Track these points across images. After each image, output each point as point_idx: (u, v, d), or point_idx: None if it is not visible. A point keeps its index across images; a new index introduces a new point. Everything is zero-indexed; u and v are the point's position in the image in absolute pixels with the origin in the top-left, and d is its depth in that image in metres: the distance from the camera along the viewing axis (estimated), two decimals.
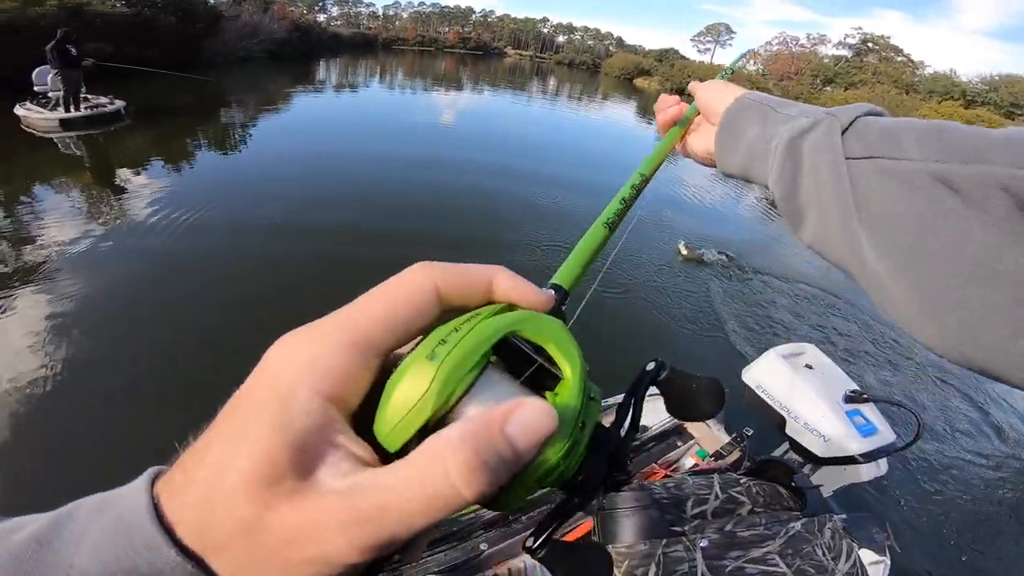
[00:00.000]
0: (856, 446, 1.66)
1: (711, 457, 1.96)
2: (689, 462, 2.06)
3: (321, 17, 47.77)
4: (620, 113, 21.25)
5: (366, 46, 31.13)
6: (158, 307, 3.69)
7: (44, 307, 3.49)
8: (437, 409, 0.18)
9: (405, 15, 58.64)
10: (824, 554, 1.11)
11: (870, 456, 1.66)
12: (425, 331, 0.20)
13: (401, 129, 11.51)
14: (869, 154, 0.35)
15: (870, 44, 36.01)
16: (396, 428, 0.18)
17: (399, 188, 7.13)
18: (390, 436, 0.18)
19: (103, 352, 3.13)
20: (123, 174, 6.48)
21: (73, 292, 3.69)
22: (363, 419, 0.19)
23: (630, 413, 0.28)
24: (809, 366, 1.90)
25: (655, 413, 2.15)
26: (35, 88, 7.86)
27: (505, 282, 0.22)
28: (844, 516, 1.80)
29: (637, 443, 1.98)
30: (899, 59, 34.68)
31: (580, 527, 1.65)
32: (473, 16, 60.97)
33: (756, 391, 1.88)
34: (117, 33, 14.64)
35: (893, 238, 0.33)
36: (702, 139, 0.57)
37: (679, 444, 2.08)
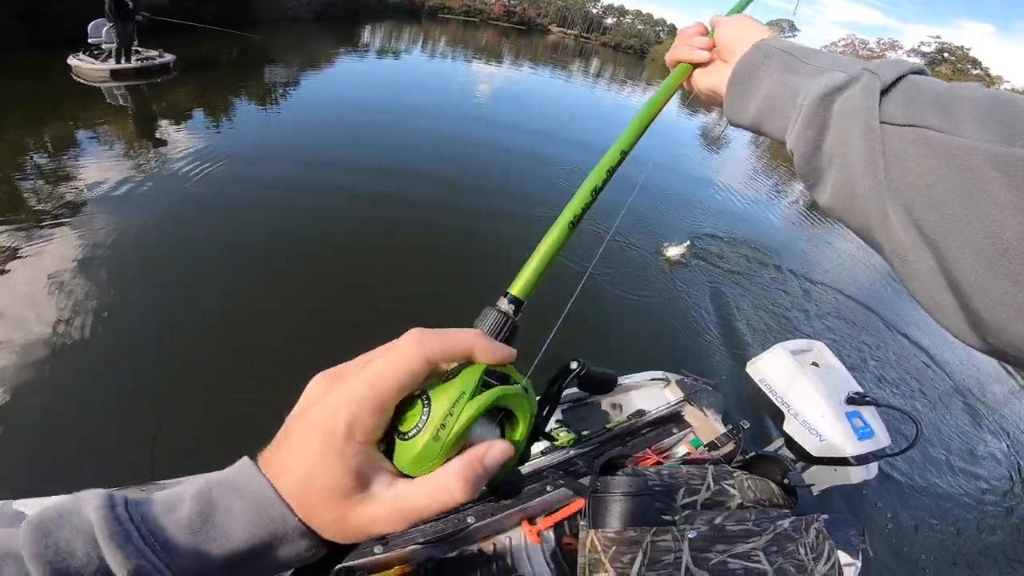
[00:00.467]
0: (851, 448, 1.66)
1: (705, 447, 1.96)
2: (682, 450, 2.07)
3: None
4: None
5: (411, 12, 30.76)
6: (183, 255, 3.77)
7: (74, 244, 3.60)
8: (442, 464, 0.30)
9: None
10: (806, 553, 1.12)
11: (862, 459, 1.66)
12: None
13: (437, 99, 11.41)
14: (912, 122, 0.32)
15: (946, 54, 33.85)
16: (415, 471, 0.30)
17: (425, 157, 7.10)
18: (410, 471, 0.30)
19: (126, 294, 3.22)
20: (164, 125, 6.64)
21: (103, 233, 3.80)
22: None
23: (551, 399, 0.43)
24: (815, 364, 1.89)
25: (653, 399, 2.17)
26: (89, 40, 8.04)
27: (481, 352, 0.30)
28: (826, 516, 1.81)
29: (634, 427, 1.99)
30: (975, 72, 32.57)
31: (571, 505, 1.68)
32: None
33: (759, 384, 1.88)
34: None
35: (924, 213, 0.30)
36: (710, 76, 0.53)
37: (675, 431, 2.08)
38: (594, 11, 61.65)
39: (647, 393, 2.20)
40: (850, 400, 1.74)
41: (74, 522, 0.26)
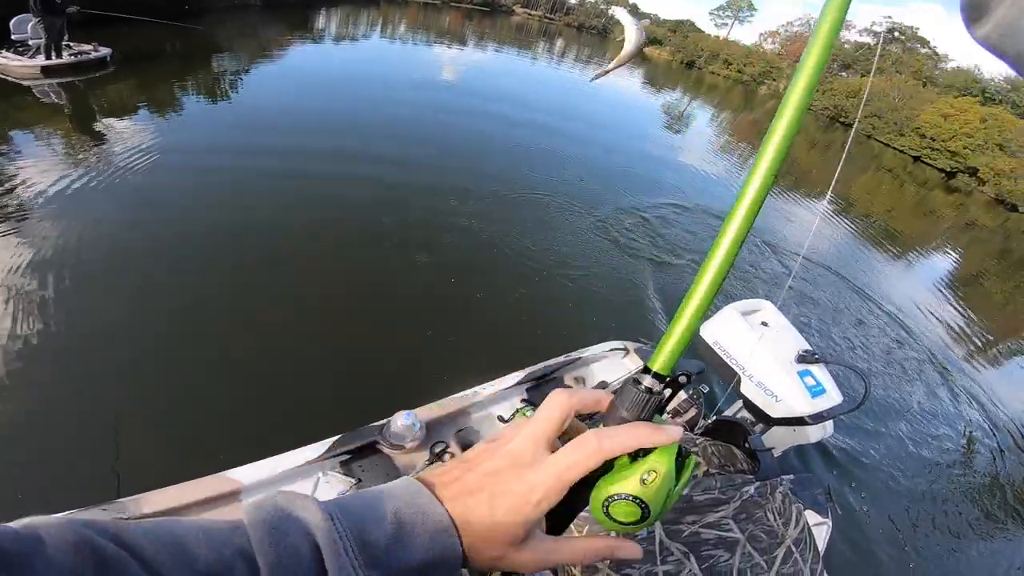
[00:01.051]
0: (806, 407, 1.68)
1: (668, 415, 1.97)
2: None
3: None
4: (625, 83, 20.64)
5: None
6: (132, 254, 3.64)
7: (16, 250, 3.42)
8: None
9: None
10: (775, 519, 1.13)
11: (818, 418, 1.69)
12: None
13: (399, 82, 11.14)
14: None
15: (896, 33, 34.83)
16: (608, 525, 0.37)
17: (390, 140, 6.98)
18: (598, 517, 0.37)
19: (76, 298, 3.09)
20: (105, 121, 6.28)
21: (48, 236, 3.63)
22: None
23: None
24: (765, 323, 1.91)
25: (615, 369, 2.16)
26: (13, 36, 7.50)
27: (662, 437, 0.37)
28: (791, 477, 1.81)
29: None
30: (923, 51, 33.61)
31: None
32: None
33: (713, 347, 1.89)
34: None
35: None
36: None
37: None
38: None
39: (608, 364, 2.19)
40: (800, 359, 1.77)
41: (299, 526, 0.31)
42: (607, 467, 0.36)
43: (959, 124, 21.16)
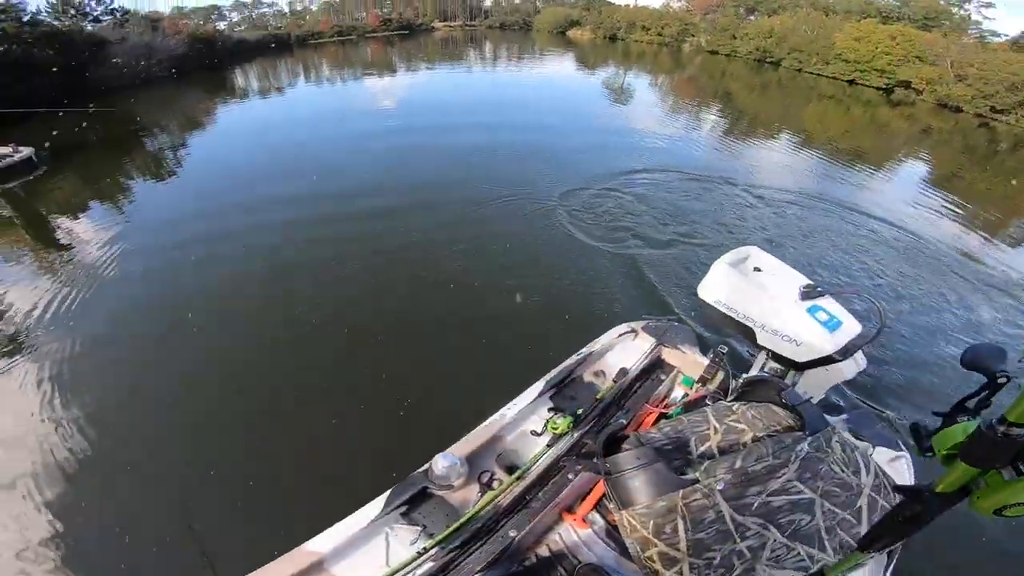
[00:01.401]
0: (828, 344, 1.62)
1: (697, 383, 1.95)
2: (678, 392, 2.07)
3: (222, 25, 44.46)
4: (559, 67, 20.83)
5: (279, 47, 29.17)
6: (140, 346, 3.57)
7: (29, 375, 3.28)
8: None
9: (315, 7, 55.48)
10: (842, 470, 1.08)
11: (846, 352, 1.63)
12: None
13: (341, 122, 10.92)
14: None
15: None
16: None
17: (343, 180, 6.79)
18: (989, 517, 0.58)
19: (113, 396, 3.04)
20: (61, 223, 5.95)
21: (53, 350, 3.51)
22: None
23: None
24: (758, 268, 1.85)
25: (629, 353, 2.14)
26: None
27: None
28: (845, 417, 1.79)
29: (623, 387, 1.96)
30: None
31: (593, 492, 1.67)
32: None
33: (716, 306, 1.83)
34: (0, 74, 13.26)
35: None
36: None
37: (663, 377, 2.08)
38: None
39: (621, 350, 2.20)
40: (804, 295, 1.70)
41: None
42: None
43: (873, 45, 21.97)
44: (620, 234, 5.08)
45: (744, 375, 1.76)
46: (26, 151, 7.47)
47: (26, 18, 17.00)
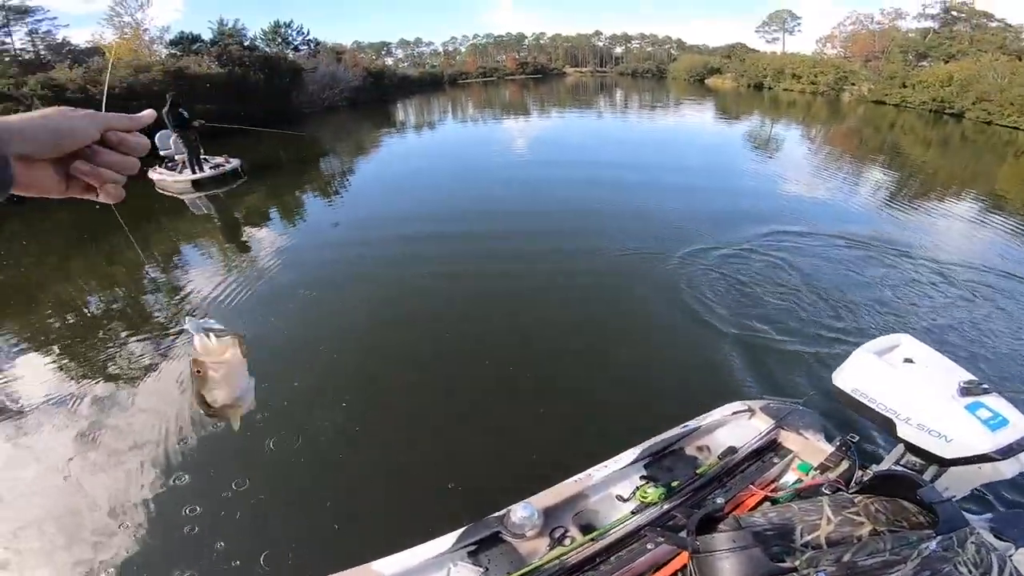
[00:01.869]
0: (988, 443, 1.43)
1: (815, 470, 1.78)
2: (791, 477, 1.87)
3: (389, 60, 51.12)
4: (699, 118, 20.19)
5: (434, 84, 32.66)
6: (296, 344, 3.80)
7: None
8: None
9: (463, 49, 61.29)
10: (970, 572, 0.96)
11: (1008, 451, 1.43)
12: None
13: (481, 158, 11.60)
14: None
15: (954, 13, 32.00)
16: None
17: (486, 222, 6.99)
18: None
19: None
20: (247, 228, 6.97)
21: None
22: None
23: None
24: (909, 360, 1.68)
25: (742, 432, 2.00)
26: (161, 153, 8.75)
27: None
28: (989, 516, 1.63)
29: (728, 465, 1.81)
30: (993, 25, 30.36)
31: (678, 558, 1.52)
32: (526, 40, 62.41)
33: (852, 395, 1.67)
34: (220, 94, 16.36)
35: None
36: None
37: (775, 460, 1.90)
38: (600, 44, 63.45)
39: (733, 428, 2.06)
40: (965, 391, 1.50)
41: None
42: None
43: None
44: (751, 304, 4.45)
45: (874, 467, 1.67)
46: (235, 162, 8.98)
47: (246, 43, 21.03)
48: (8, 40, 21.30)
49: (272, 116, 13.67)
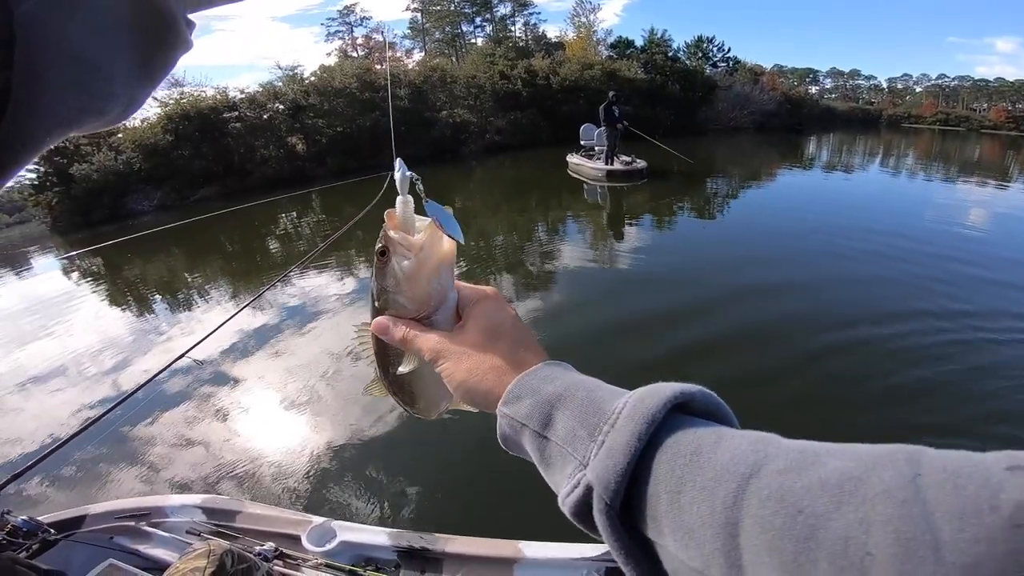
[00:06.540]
0: None
1: None
2: None
3: (813, 89, 45.55)
4: None
5: (865, 122, 26.95)
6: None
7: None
8: None
9: (919, 89, 48.62)
10: None
11: None
12: None
13: (896, 220, 8.57)
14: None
15: None
16: None
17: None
18: None
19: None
20: (628, 224, 7.34)
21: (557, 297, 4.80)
22: None
23: None
24: None
25: None
26: (581, 142, 10.00)
27: None
28: None
29: None
30: None
31: None
32: None
33: None
34: (638, 97, 17.84)
35: None
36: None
37: None
38: None
39: None
40: None
41: None
42: None
43: None
44: None
45: None
46: (642, 163, 9.54)
47: (670, 53, 22.23)
48: (513, 29, 28.97)
49: (677, 126, 14.04)
